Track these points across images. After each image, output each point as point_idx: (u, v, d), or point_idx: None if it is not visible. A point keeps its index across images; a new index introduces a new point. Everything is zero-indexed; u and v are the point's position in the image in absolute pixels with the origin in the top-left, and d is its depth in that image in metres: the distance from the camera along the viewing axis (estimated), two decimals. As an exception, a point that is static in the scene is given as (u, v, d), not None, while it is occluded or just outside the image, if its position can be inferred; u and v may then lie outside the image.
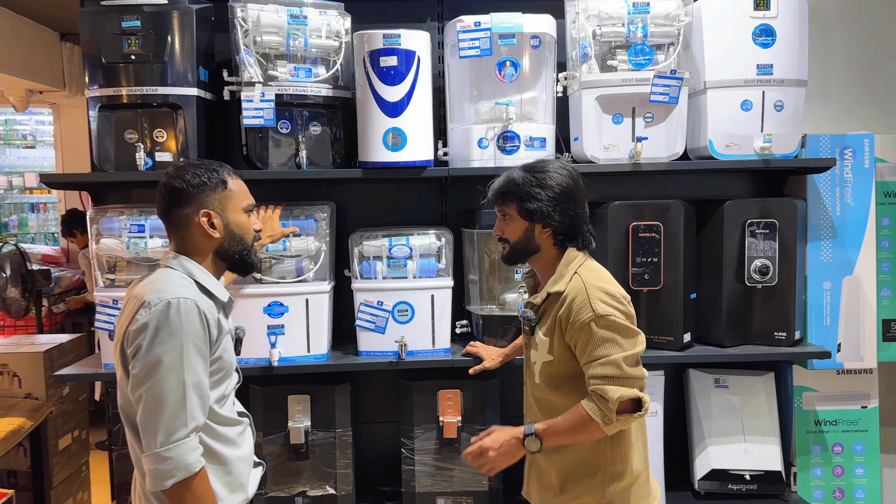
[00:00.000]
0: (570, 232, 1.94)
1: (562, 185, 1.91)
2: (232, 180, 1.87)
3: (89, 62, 2.49)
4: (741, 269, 2.64)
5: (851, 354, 2.82)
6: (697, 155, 2.71)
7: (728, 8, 2.57)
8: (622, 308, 1.82)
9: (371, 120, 2.52)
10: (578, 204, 1.94)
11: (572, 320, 1.82)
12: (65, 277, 5.56)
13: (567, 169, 1.96)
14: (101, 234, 2.51)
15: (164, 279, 1.77)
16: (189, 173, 1.81)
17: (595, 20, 2.56)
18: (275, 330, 2.53)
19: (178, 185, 1.80)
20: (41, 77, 5.12)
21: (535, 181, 1.92)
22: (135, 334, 1.69)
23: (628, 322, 1.82)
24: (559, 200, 1.91)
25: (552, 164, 1.96)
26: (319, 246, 2.58)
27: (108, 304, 2.52)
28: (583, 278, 1.86)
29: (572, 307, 1.83)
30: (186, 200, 1.81)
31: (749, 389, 2.82)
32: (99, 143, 2.54)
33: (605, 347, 1.78)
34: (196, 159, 1.91)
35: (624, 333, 1.80)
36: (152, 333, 1.67)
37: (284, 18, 2.49)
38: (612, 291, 1.84)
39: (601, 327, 1.79)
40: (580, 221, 1.94)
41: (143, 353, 1.67)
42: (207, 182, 1.81)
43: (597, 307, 1.79)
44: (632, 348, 1.80)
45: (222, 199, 1.83)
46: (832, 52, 3.03)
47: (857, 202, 2.78)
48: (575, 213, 1.92)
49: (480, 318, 2.67)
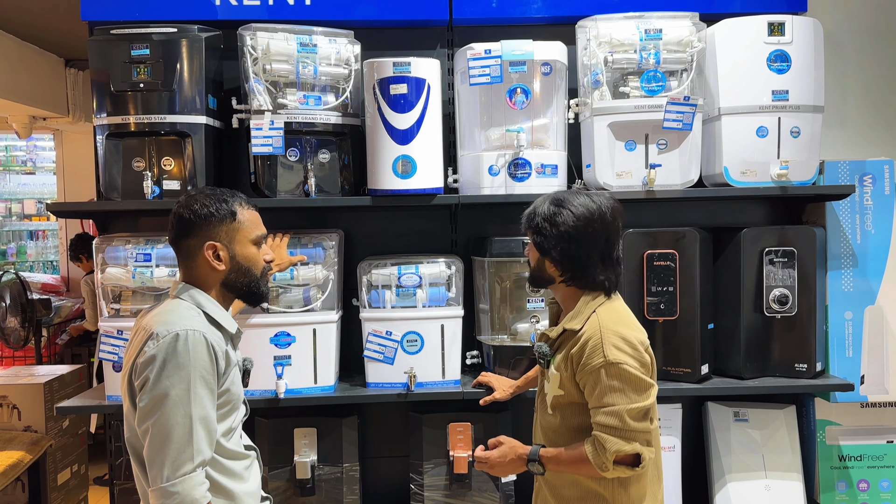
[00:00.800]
0: (575, 273, 1.87)
1: (569, 224, 1.83)
2: (243, 211, 1.85)
3: (97, 90, 2.49)
4: (759, 299, 2.58)
5: (875, 387, 2.73)
6: (713, 182, 2.66)
7: (742, 34, 2.54)
8: (636, 356, 1.77)
9: (380, 147, 2.49)
10: (588, 246, 1.84)
11: (584, 362, 1.78)
12: (64, 307, 5.54)
13: (587, 208, 1.85)
14: (106, 264, 2.48)
15: (172, 310, 1.75)
16: (198, 203, 1.80)
17: (607, 47, 2.53)
18: (281, 361, 2.47)
19: (185, 216, 1.80)
20: (45, 103, 5.17)
21: (547, 214, 1.87)
22: (142, 366, 1.66)
23: (640, 372, 1.76)
24: (561, 239, 1.84)
25: (575, 199, 1.87)
26: (327, 274, 2.53)
27: (112, 335, 2.48)
28: (600, 319, 1.81)
29: (585, 348, 1.79)
30: (193, 231, 1.79)
31: (770, 423, 2.72)
32: (106, 171, 2.52)
33: (611, 396, 1.74)
34: (209, 187, 1.88)
35: (633, 384, 1.74)
36: (160, 366, 1.65)
37: (294, 46, 2.48)
38: (628, 337, 1.78)
39: (610, 375, 1.74)
40: (589, 264, 1.85)
41: (150, 386, 1.64)
42: (215, 213, 1.79)
43: (609, 353, 1.74)
44: (639, 401, 1.74)
45: (230, 230, 1.81)
46: (849, 77, 2.99)
47: (878, 230, 2.71)
48: (579, 254, 1.84)
49: (492, 348, 2.61)
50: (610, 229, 1.87)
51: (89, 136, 2.58)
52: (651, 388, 1.77)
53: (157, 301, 2.48)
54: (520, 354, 2.56)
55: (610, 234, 1.87)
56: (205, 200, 1.80)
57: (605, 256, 1.87)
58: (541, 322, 2.54)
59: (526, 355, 2.54)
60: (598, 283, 1.87)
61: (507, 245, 2.56)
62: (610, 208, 1.87)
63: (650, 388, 1.77)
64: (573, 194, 1.90)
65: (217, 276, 1.82)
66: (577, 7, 2.73)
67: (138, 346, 1.70)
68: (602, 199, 1.88)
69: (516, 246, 2.55)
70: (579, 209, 1.85)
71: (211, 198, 1.81)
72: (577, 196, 1.88)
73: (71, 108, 5.36)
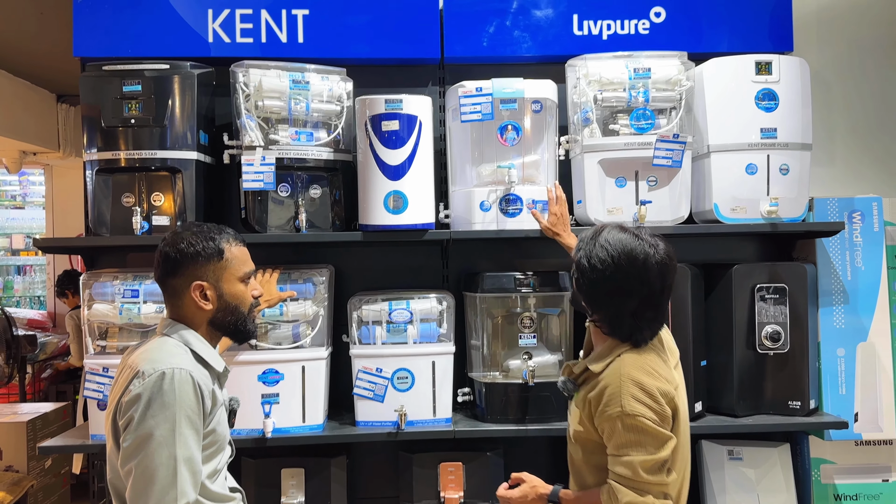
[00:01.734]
0: (602, 318, 1.78)
1: (603, 272, 1.71)
2: (230, 248, 1.82)
3: (88, 125, 2.49)
4: (752, 336, 2.57)
5: (869, 425, 2.71)
6: (703, 218, 2.67)
7: (729, 73, 2.58)
8: (655, 408, 1.68)
9: (372, 183, 2.49)
10: (620, 298, 1.72)
11: (601, 409, 1.72)
12: (50, 343, 5.47)
13: (631, 256, 1.70)
14: (93, 300, 2.45)
15: (159, 348, 1.72)
16: (184, 242, 1.77)
17: (596, 85, 2.56)
18: (269, 399, 2.43)
19: (171, 255, 1.77)
20: (36, 138, 5.17)
21: (587, 250, 1.76)
22: (127, 405, 1.63)
23: (658, 425, 1.68)
24: (594, 285, 1.75)
25: (604, 236, 1.75)
26: (317, 310, 2.51)
27: (97, 372, 2.43)
28: (622, 365, 1.73)
29: (603, 395, 1.72)
30: (180, 270, 1.77)
31: (764, 461, 2.69)
32: (94, 207, 2.51)
33: (626, 447, 1.68)
34: (195, 224, 1.86)
35: (650, 437, 1.67)
36: (145, 405, 1.61)
37: (286, 83, 2.49)
38: (648, 388, 1.69)
39: (626, 427, 1.67)
40: (619, 316, 1.74)
41: (134, 426, 1.61)
42: (202, 252, 1.77)
43: (626, 404, 1.67)
44: (655, 453, 1.67)
45: (217, 269, 1.78)
46: (836, 115, 3.03)
47: (868, 266, 2.72)
48: (609, 305, 1.74)
49: (483, 385, 2.58)
50: (651, 286, 1.72)
51: (80, 171, 2.56)
52: (669, 440, 1.69)
53: (143, 338, 2.44)
54: (511, 392, 2.53)
55: (651, 291, 1.72)
56: (191, 239, 1.77)
57: (640, 312, 1.74)
58: (533, 359, 2.52)
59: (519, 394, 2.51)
60: (626, 336, 1.76)
61: (499, 280, 2.55)
62: (659, 263, 1.71)
63: (668, 441, 1.69)
64: (625, 236, 1.74)
65: (204, 315, 1.79)
66: (566, 46, 2.77)
67: (124, 384, 1.67)
68: (654, 251, 1.72)
69: (508, 281, 2.54)
70: (621, 257, 1.70)
71: (197, 235, 1.78)
72: (628, 240, 1.73)
73: (62, 143, 5.36)
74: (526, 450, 2.85)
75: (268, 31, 2.70)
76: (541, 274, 2.55)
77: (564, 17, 2.78)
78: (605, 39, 2.79)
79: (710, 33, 2.80)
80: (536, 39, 2.79)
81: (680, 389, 1.80)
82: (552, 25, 2.78)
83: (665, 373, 1.76)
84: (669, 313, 2.40)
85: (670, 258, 1.75)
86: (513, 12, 2.78)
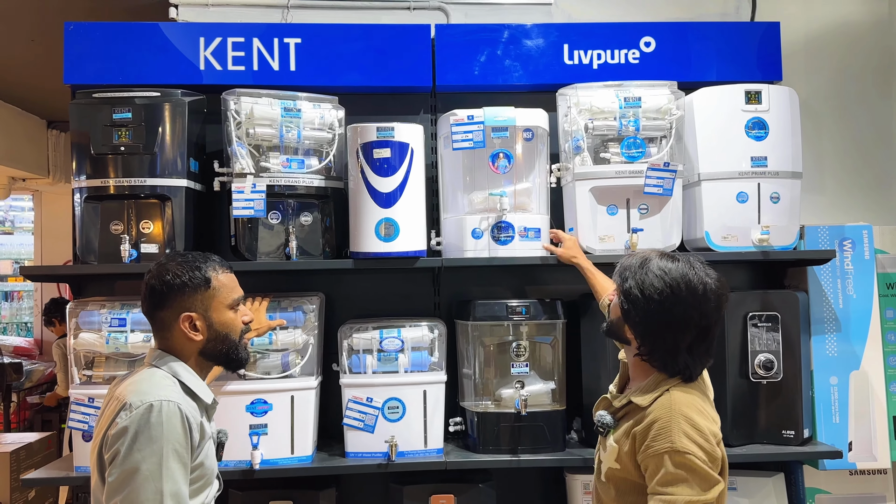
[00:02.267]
0: (654, 352, 1.70)
1: (652, 298, 1.64)
2: (218, 276, 1.79)
3: (77, 152, 2.47)
4: (745, 364, 2.55)
5: (864, 454, 2.69)
6: (694, 246, 2.67)
7: (720, 102, 2.60)
8: (706, 447, 1.59)
9: (363, 210, 2.48)
10: (676, 329, 1.65)
11: (647, 444, 1.62)
12: (36, 371, 5.39)
13: (689, 285, 1.64)
14: (80, 329, 2.42)
15: (147, 379, 1.69)
16: (170, 273, 1.74)
17: (587, 114, 2.57)
18: (257, 430, 2.39)
19: (157, 287, 1.74)
20: (26, 165, 5.15)
21: (639, 278, 1.68)
22: (114, 438, 1.60)
23: (707, 466, 1.58)
24: (648, 315, 1.66)
25: (657, 264, 1.68)
26: (307, 339, 2.48)
27: (83, 402, 2.39)
28: (673, 401, 1.64)
29: (651, 429, 1.62)
30: (167, 302, 1.74)
31: (759, 491, 2.66)
32: (82, 234, 2.48)
33: (672, 486, 1.57)
34: (180, 253, 1.83)
35: (698, 477, 1.57)
36: (132, 438, 1.58)
37: (278, 111, 2.49)
38: (700, 426, 1.60)
39: (675, 464, 1.57)
40: (674, 349, 1.66)
41: (120, 460, 1.57)
42: (188, 283, 1.74)
43: (676, 440, 1.58)
44: (702, 494, 1.56)
45: (205, 298, 1.76)
46: (826, 143, 3.06)
47: (860, 294, 2.72)
48: (664, 336, 1.66)
49: (475, 415, 2.55)
50: (709, 318, 1.66)
51: (69, 198, 2.54)
52: (717, 484, 1.59)
53: (131, 367, 2.41)
54: (504, 422, 2.50)
55: (709, 323, 1.66)
56: (176, 270, 1.74)
57: (696, 346, 1.67)
58: (526, 388, 2.50)
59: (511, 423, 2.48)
60: (677, 371, 1.69)
61: (491, 308, 2.53)
62: (715, 292, 1.66)
63: (716, 485, 1.58)
64: (681, 265, 1.68)
65: (194, 346, 1.77)
66: (557, 75, 2.79)
67: (110, 416, 1.64)
68: (710, 280, 1.67)
69: (500, 309, 2.52)
70: (680, 287, 1.64)
71: (182, 266, 1.75)
72: (685, 270, 1.67)
73: (51, 170, 5.35)
74: (518, 481, 2.81)
75: (260, 59, 2.71)
76: (533, 302, 2.53)
77: (555, 47, 2.80)
78: (596, 69, 2.81)
79: (700, 63, 2.83)
80: (527, 68, 2.80)
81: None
82: (543, 55, 2.80)
83: (713, 413, 1.69)
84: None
85: (724, 287, 1.69)
86: (504, 41, 2.80)
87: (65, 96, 2.68)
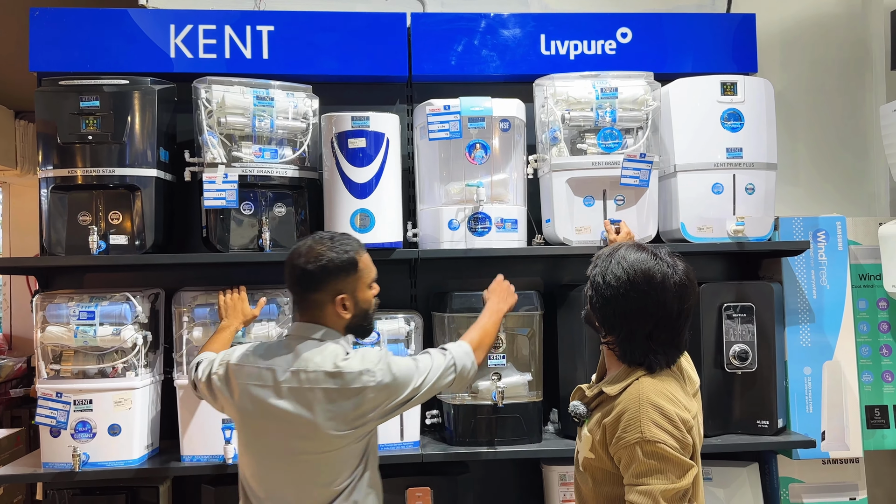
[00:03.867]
0: (616, 340, 1.71)
1: (618, 292, 1.65)
2: (361, 257, 1.94)
3: (44, 142, 2.42)
4: (719, 355, 2.56)
5: (836, 443, 2.72)
6: (670, 238, 2.68)
7: (695, 93, 2.60)
8: (676, 434, 1.59)
9: (338, 201, 2.46)
10: (634, 320, 1.66)
11: (618, 435, 1.62)
12: (6, 366, 5.28)
13: (647, 276, 1.64)
14: (47, 322, 2.37)
15: (343, 350, 1.89)
16: (325, 258, 1.86)
17: (564, 105, 2.56)
18: (230, 424, 2.35)
19: (314, 271, 1.86)
20: (-7, 156, 5.03)
21: (602, 267, 1.70)
22: (376, 390, 1.83)
23: (679, 452, 1.59)
24: (607, 304, 1.67)
25: (621, 253, 1.68)
26: (282, 332, 2.45)
27: (50, 398, 2.34)
28: (641, 389, 1.64)
29: (620, 421, 1.62)
30: (321, 286, 1.87)
31: (733, 481, 2.68)
32: (50, 226, 2.43)
33: (646, 475, 1.58)
34: (327, 235, 1.94)
35: (671, 465, 1.57)
36: (390, 374, 1.85)
37: (250, 100, 2.45)
38: (669, 413, 1.60)
39: (646, 454, 1.58)
40: (633, 340, 1.67)
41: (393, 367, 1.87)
42: (342, 267, 1.88)
43: (646, 430, 1.58)
44: (676, 482, 1.57)
45: (354, 280, 1.90)
46: (800, 135, 3.08)
47: (833, 285, 2.74)
48: (623, 327, 1.68)
49: (452, 407, 2.53)
50: (667, 308, 1.65)
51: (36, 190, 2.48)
52: (691, 469, 1.60)
53: (100, 361, 2.36)
54: (481, 413, 2.49)
55: (667, 313, 1.65)
56: (330, 254, 1.86)
57: (656, 335, 1.67)
58: (502, 380, 2.49)
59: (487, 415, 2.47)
60: (637, 360, 1.69)
61: (468, 300, 2.51)
62: (677, 283, 1.65)
63: (690, 470, 1.60)
64: (643, 255, 1.68)
65: (342, 323, 1.92)
66: (534, 66, 2.77)
67: (350, 395, 1.82)
68: (672, 271, 1.66)
69: (477, 301, 2.50)
70: (637, 275, 1.64)
71: (335, 249, 1.88)
72: (646, 259, 1.67)
73: (19, 161, 5.23)
74: (496, 473, 2.80)
75: (232, 47, 2.66)
76: (509, 293, 2.52)
77: (532, 37, 2.78)
78: (573, 59, 2.80)
79: (676, 54, 2.83)
80: (504, 59, 2.78)
81: (698, 419, 1.73)
82: (520, 45, 2.78)
83: (684, 400, 1.68)
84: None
85: (690, 280, 1.68)
86: (481, 31, 2.78)
87: (32, 85, 2.60)
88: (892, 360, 2.83)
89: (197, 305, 2.42)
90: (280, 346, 1.91)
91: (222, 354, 2.00)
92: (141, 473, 2.38)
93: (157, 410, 2.52)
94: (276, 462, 1.87)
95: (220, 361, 1.97)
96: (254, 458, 1.92)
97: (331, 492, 1.86)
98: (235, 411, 1.92)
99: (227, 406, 1.95)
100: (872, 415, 2.78)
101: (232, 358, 1.94)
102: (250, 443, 1.92)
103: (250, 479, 1.93)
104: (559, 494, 2.57)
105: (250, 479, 1.93)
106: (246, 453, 1.94)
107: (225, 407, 1.97)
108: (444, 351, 2.02)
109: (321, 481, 1.86)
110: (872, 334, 2.83)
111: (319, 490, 1.86)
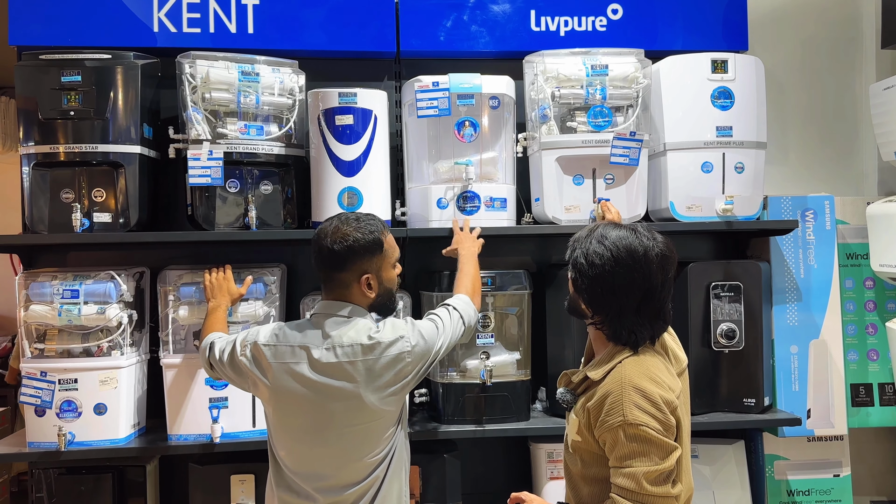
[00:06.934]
0: (604, 320, 1.71)
1: (605, 267, 1.66)
2: (386, 238, 1.96)
3: (25, 118, 2.37)
4: (707, 334, 2.57)
5: (821, 421, 2.74)
6: (659, 216, 2.67)
7: (686, 71, 2.58)
8: (659, 416, 1.60)
9: (325, 179, 2.43)
10: (623, 295, 1.67)
11: (602, 419, 1.63)
12: (-12, 345, 5.22)
13: (630, 250, 1.66)
14: (30, 301, 2.34)
15: (373, 323, 1.93)
16: (351, 238, 1.89)
17: (554, 82, 2.53)
18: (217, 403, 2.35)
19: (341, 251, 1.89)
20: (-26, 132, 4.93)
21: (585, 248, 1.70)
22: (413, 355, 1.91)
23: (661, 434, 1.60)
24: (595, 282, 1.68)
25: (620, 239, 1.68)
26: (268, 311, 2.43)
27: (35, 377, 2.32)
28: (624, 372, 1.65)
29: (604, 404, 1.64)
30: (348, 266, 1.90)
31: (719, 459, 2.71)
32: (32, 203, 2.39)
33: (629, 458, 1.60)
34: (353, 216, 1.95)
35: (654, 447, 1.59)
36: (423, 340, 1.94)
37: (235, 75, 2.41)
38: (651, 395, 1.61)
39: (629, 437, 1.59)
40: (622, 315, 1.68)
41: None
42: (369, 248, 1.90)
43: (628, 413, 1.59)
44: (660, 463, 1.59)
45: (378, 260, 1.93)
46: (789, 113, 3.07)
47: (821, 264, 2.75)
48: (611, 303, 1.68)
49: (441, 386, 2.53)
50: (653, 280, 1.67)
51: (19, 167, 2.44)
52: (674, 450, 1.61)
53: (84, 341, 2.34)
54: (469, 392, 2.49)
55: (652, 285, 1.67)
56: (356, 234, 1.89)
57: (643, 309, 1.69)
58: (491, 358, 2.49)
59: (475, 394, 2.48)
60: (627, 338, 1.70)
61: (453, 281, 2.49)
62: (659, 255, 1.68)
63: (673, 451, 1.61)
64: (622, 231, 1.70)
65: (367, 301, 1.95)
66: (524, 42, 2.74)
67: (388, 365, 1.88)
68: (652, 244, 1.69)
69: (465, 280, 2.49)
70: (620, 251, 1.66)
71: (361, 230, 1.90)
72: (625, 234, 1.69)
73: (1, 137, 5.12)
74: (484, 451, 2.82)
75: (216, 21, 2.61)
76: (499, 273, 2.51)
77: (522, 13, 2.75)
78: (563, 36, 2.77)
79: (667, 31, 2.80)
80: (494, 35, 2.75)
81: (683, 398, 1.74)
82: (509, 21, 2.75)
83: (668, 380, 1.68)
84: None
85: (670, 250, 1.71)
86: (470, 7, 2.74)
87: (12, 60, 2.54)
88: (877, 338, 2.85)
89: (182, 284, 2.40)
90: (308, 324, 1.93)
91: (243, 335, 1.96)
92: (127, 453, 2.37)
93: (144, 389, 2.51)
94: (315, 437, 1.88)
95: (242, 342, 1.94)
96: (291, 436, 1.91)
97: (368, 463, 1.90)
98: (269, 391, 1.89)
99: (260, 386, 1.90)
100: (857, 393, 2.81)
101: (259, 338, 1.91)
102: (287, 422, 1.90)
103: (286, 458, 1.91)
104: (546, 472, 2.58)
105: (286, 458, 1.91)
106: (281, 431, 1.92)
107: (257, 387, 1.92)
108: (449, 307, 2.09)
109: (362, 453, 1.89)
110: (859, 313, 2.85)
111: (356, 464, 1.90)
